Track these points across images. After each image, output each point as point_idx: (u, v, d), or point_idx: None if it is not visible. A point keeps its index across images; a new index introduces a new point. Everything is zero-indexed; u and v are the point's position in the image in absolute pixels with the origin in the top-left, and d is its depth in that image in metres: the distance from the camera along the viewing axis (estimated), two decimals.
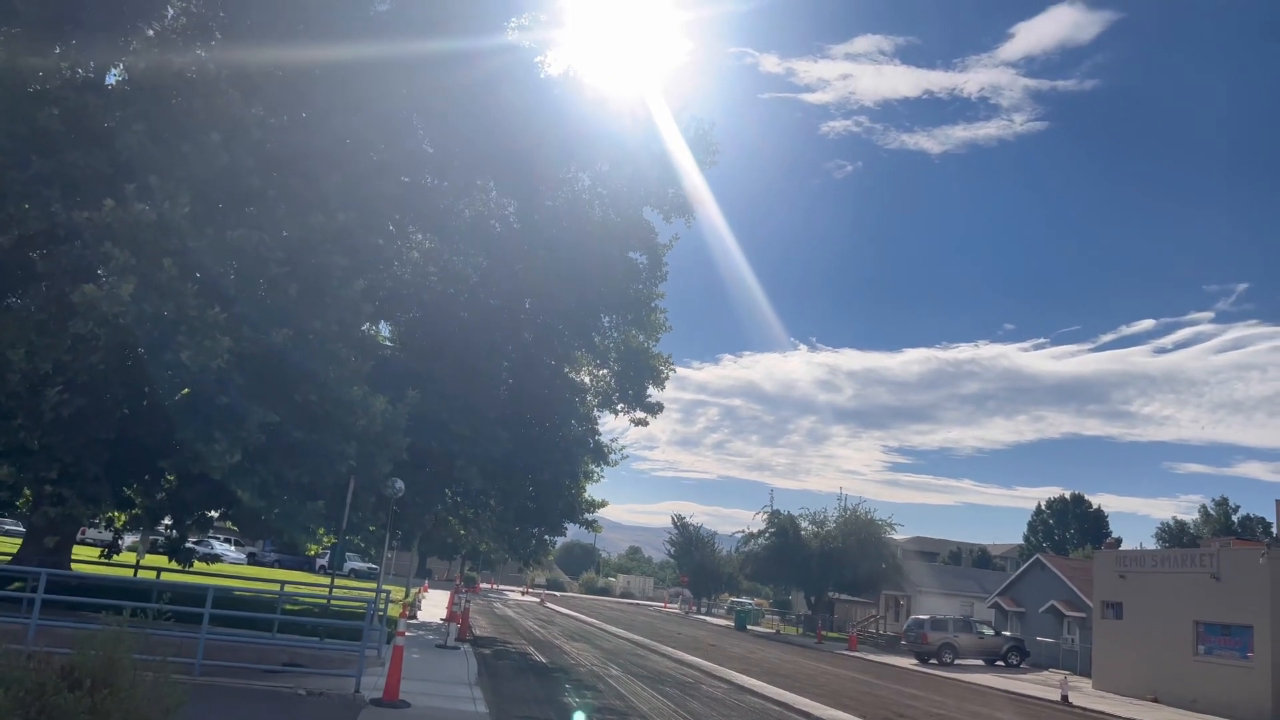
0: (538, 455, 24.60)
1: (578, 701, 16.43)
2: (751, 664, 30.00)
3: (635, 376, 26.54)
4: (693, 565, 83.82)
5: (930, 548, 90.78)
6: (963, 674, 35.79)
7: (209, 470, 14.83)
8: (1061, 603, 43.38)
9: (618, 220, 24.29)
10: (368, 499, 18.74)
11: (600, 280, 23.60)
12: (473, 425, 22.74)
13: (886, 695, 24.68)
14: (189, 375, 14.20)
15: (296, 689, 12.84)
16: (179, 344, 13.77)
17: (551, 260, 23.55)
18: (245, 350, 15.30)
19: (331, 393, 16.42)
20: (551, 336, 25.20)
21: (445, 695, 14.72)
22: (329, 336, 15.96)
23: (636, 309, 24.84)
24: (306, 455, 16.43)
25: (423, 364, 22.77)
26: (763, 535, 61.08)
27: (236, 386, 15.24)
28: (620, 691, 18.71)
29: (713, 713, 17.08)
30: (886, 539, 58.55)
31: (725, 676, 24.34)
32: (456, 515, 29.66)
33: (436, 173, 23.63)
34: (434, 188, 22.76)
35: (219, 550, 62.74)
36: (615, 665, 24.35)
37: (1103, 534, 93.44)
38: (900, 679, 31.35)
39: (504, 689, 16.96)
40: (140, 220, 14.08)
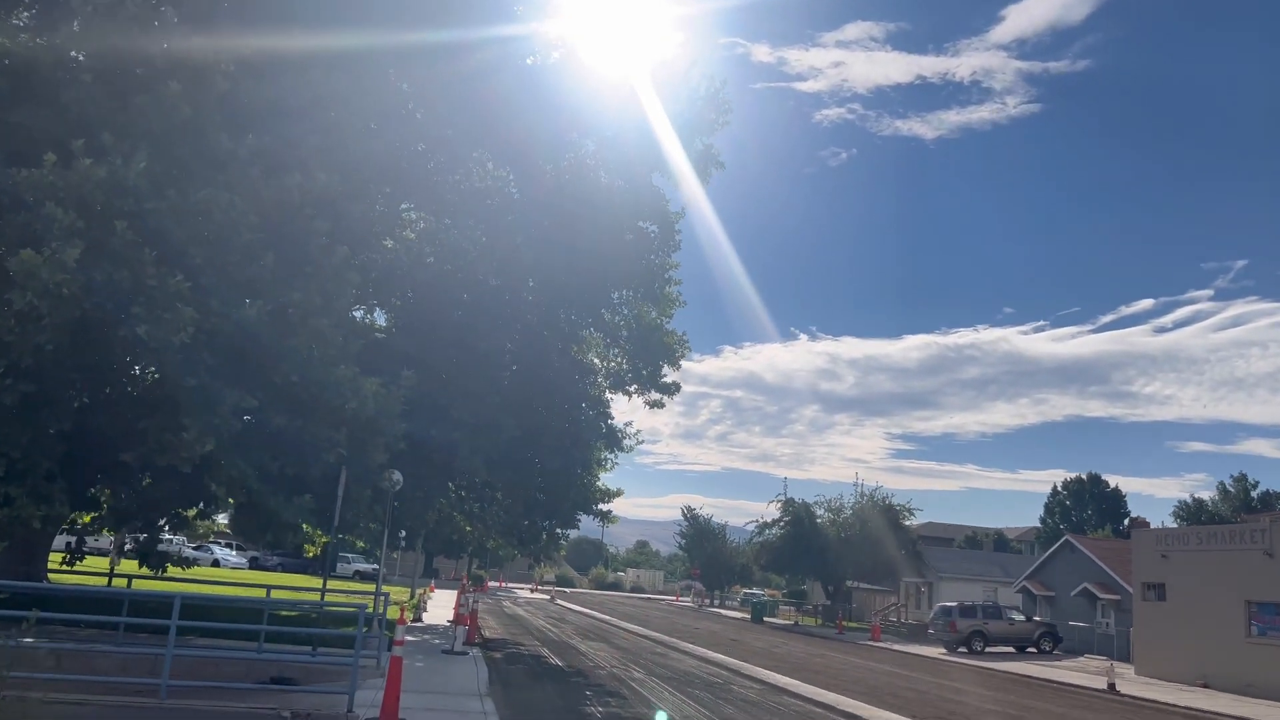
0: (546, 442, 22.82)
1: (602, 713, 14.67)
2: (778, 659, 28.27)
3: (648, 355, 24.71)
4: (704, 557, 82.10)
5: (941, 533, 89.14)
6: (996, 663, 34.07)
7: (177, 462, 13.07)
8: (1095, 585, 41.61)
9: (625, 187, 22.49)
10: (362, 493, 16.98)
11: (609, 252, 21.79)
12: (475, 411, 20.98)
13: (928, 690, 22.94)
14: (149, 353, 12.42)
15: (279, 710, 11.10)
16: (135, 317, 12.00)
17: (556, 231, 21.77)
18: (215, 326, 13.53)
19: (315, 373, 14.65)
20: (557, 314, 23.42)
21: (452, 710, 12.98)
22: (310, 310, 14.18)
23: (649, 282, 22.99)
24: (290, 443, 14.67)
25: (419, 346, 20.99)
26: (777, 524, 59.39)
27: (206, 367, 13.47)
28: (646, 697, 16.98)
29: (749, 718, 15.33)
30: (905, 525, 56.81)
31: (755, 675, 22.60)
32: (461, 510, 27.89)
33: (429, 144, 21.84)
34: (424, 155, 20.95)
35: (219, 555, 61.16)
36: (636, 666, 22.61)
37: (1121, 514, 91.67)
38: (935, 670, 29.62)
39: (518, 700, 15.21)
40: (88, 178, 12.30)
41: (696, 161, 23.18)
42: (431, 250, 24.78)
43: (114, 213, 12.47)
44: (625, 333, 24.90)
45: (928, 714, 18.01)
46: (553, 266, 21.38)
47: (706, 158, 23.23)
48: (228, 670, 14.52)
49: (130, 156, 13.00)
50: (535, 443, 22.89)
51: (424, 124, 21.34)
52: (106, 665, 14.59)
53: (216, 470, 13.70)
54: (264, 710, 11.06)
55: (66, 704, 10.59)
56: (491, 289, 23.41)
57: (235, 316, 13.50)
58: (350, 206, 16.46)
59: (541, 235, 21.97)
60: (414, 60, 20.12)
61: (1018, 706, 20.71)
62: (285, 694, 12.62)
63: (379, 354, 20.71)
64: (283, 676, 14.74)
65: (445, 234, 23.83)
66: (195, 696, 11.92)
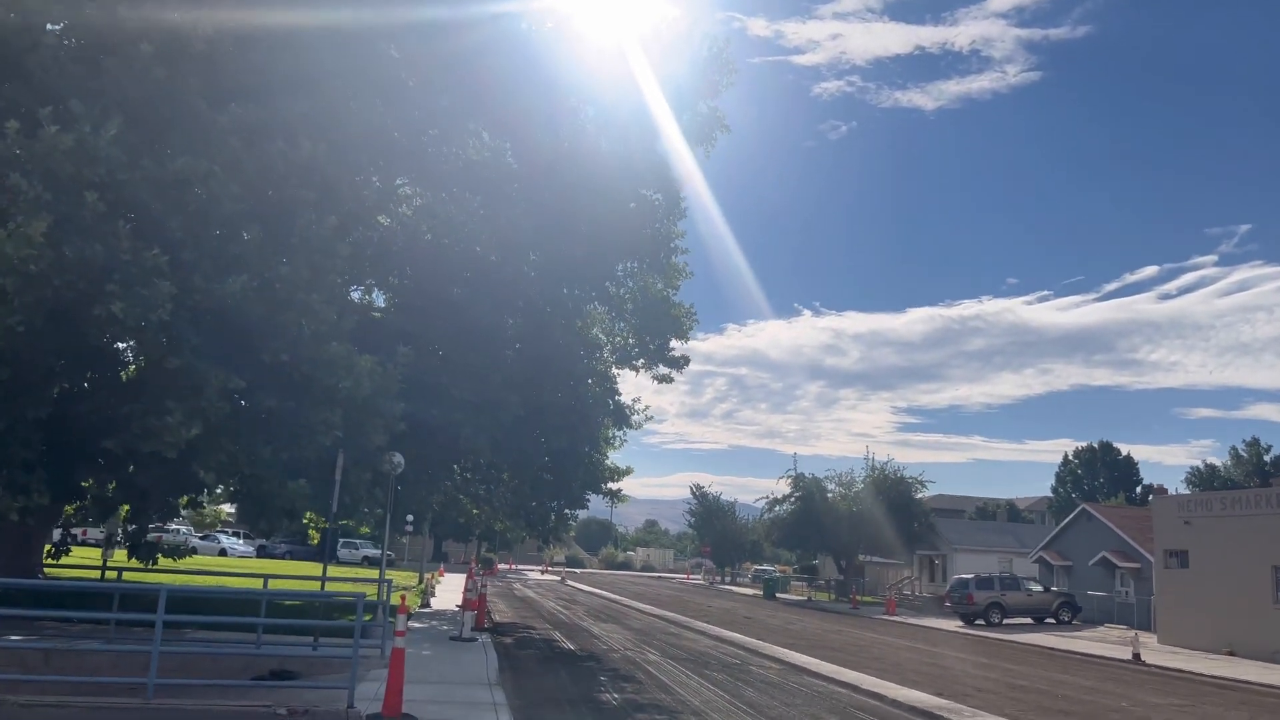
0: (552, 421, 22.07)
1: (619, 699, 14.00)
2: (795, 637, 27.65)
3: (655, 328, 23.88)
4: (714, 535, 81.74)
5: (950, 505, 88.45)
6: (1015, 634, 33.44)
7: (162, 448, 12.35)
8: (1113, 554, 40.90)
9: (627, 154, 21.59)
10: (362, 476, 16.27)
11: (612, 221, 20.93)
12: (477, 390, 20.24)
13: (951, 665, 22.29)
14: (126, 332, 11.67)
15: (275, 707, 10.41)
16: (110, 294, 11.24)
17: (556, 201, 20.92)
18: (197, 304, 12.77)
19: (306, 351, 13.90)
20: (560, 288, 22.59)
21: (460, 701, 12.30)
22: (298, 284, 13.40)
23: (654, 251, 22.12)
24: (282, 426, 13.95)
25: (417, 324, 20.24)
26: (788, 500, 58.79)
27: (190, 347, 12.72)
28: (663, 681, 16.31)
29: (775, 702, 14.66)
30: (918, 498, 56.16)
31: (773, 654, 21.95)
32: (467, 493, 27.21)
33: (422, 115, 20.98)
34: (418, 126, 20.08)
35: (226, 544, 60.71)
36: (651, 648, 21.98)
37: (1133, 482, 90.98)
38: (955, 645, 28.99)
39: (529, 688, 14.54)
40: (54, 147, 11.51)
41: (702, 126, 22.27)
42: (428, 226, 23.95)
43: (84, 183, 11.68)
44: (631, 306, 24.06)
45: (954, 690, 17.33)
46: (554, 238, 20.56)
47: (711, 121, 22.32)
48: (225, 665, 13.86)
49: (101, 124, 12.19)
50: (541, 421, 22.15)
51: (416, 93, 20.47)
52: (98, 663, 13.96)
53: (205, 455, 12.99)
54: (259, 709, 10.38)
55: (46, 706, 9.92)
56: (491, 264, 22.61)
57: (218, 292, 12.73)
58: (339, 177, 15.65)
59: (542, 206, 21.12)
60: (405, 31, 19.26)
61: (1047, 680, 20.04)
62: (283, 690, 11.95)
63: (375, 333, 19.97)
64: (283, 670, 14.09)
65: (442, 208, 23.01)
66: (186, 695, 11.25)
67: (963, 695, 16.78)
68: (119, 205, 12.23)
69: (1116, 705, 16.77)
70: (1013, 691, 17.90)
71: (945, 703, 15.45)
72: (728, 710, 13.57)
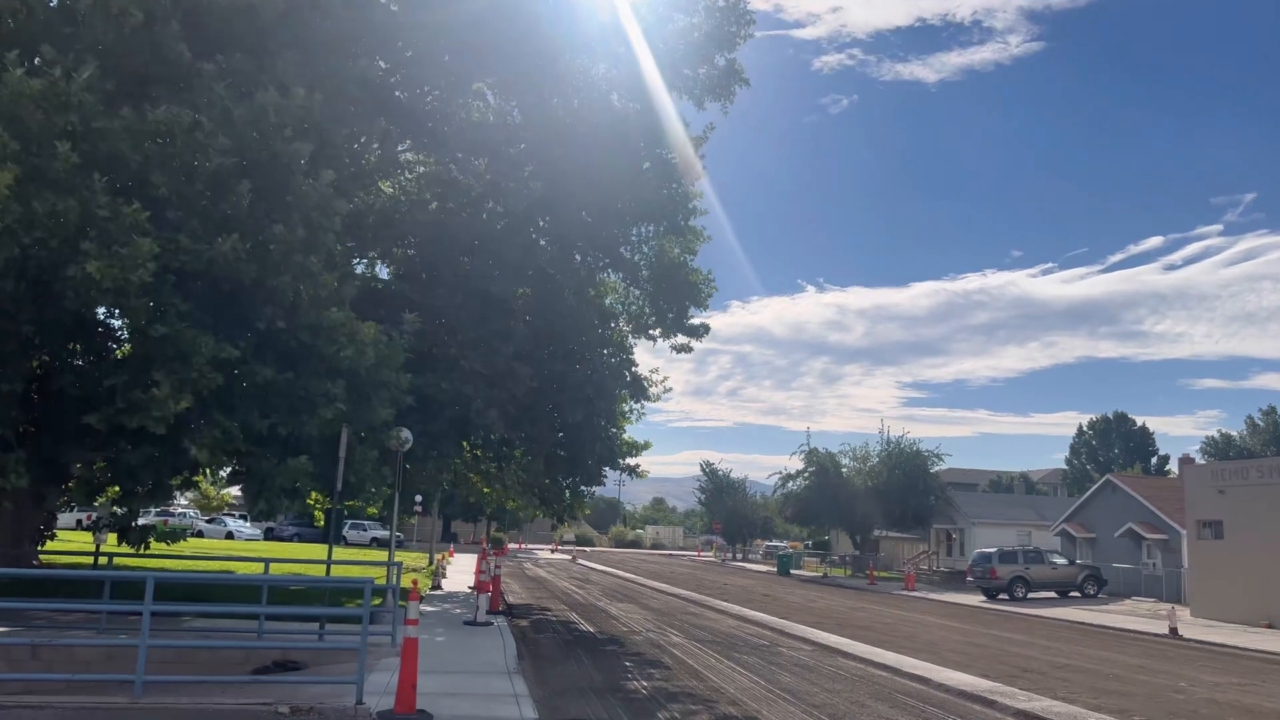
0: (566, 393, 21.00)
1: (648, 687, 13.02)
2: (819, 615, 26.72)
3: (673, 295, 22.74)
4: (725, 511, 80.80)
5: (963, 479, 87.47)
6: (1042, 609, 32.51)
7: (149, 423, 11.33)
8: (1140, 525, 39.90)
9: (641, 110, 20.42)
10: (368, 453, 15.24)
11: (626, 183, 19.78)
12: (488, 362, 19.19)
13: (987, 643, 21.33)
14: (104, 295, 10.62)
15: (276, 705, 9.43)
16: (84, 253, 10.18)
17: (567, 162, 19.78)
18: (185, 266, 11.70)
19: (304, 318, 12.86)
20: (572, 255, 21.49)
21: (478, 693, 11.33)
22: (294, 245, 12.32)
23: (671, 214, 20.94)
24: (280, 399, 12.91)
25: (424, 294, 19.16)
26: (801, 476, 57.83)
27: (177, 313, 11.68)
28: (691, 665, 15.35)
29: (814, 687, 13.68)
30: (934, 471, 55.16)
31: (801, 634, 21.00)
32: (477, 470, 26.20)
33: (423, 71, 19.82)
34: (418, 79, 18.92)
35: (232, 527, 59.92)
36: (673, 630, 21.04)
37: (1149, 452, 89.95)
38: (984, 621, 28.05)
39: (551, 676, 13.58)
40: (21, 91, 10.42)
41: (719, 80, 21.03)
42: (432, 194, 22.86)
43: (55, 132, 10.60)
44: (646, 272, 22.92)
45: (999, 671, 16.37)
46: (566, 200, 19.43)
47: (729, 75, 21.08)
48: (224, 657, 12.94)
49: (74, 70, 11.09)
50: (555, 394, 21.10)
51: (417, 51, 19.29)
52: (90, 656, 13.03)
53: (196, 431, 11.98)
54: (259, 706, 9.40)
55: (26, 707, 8.95)
56: (500, 231, 21.52)
57: (207, 254, 11.67)
58: (336, 130, 14.54)
59: (552, 168, 19.99)
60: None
61: (1092, 659, 19.06)
62: (285, 685, 10.98)
63: (379, 302, 18.92)
64: (287, 661, 13.16)
65: (446, 173, 21.89)
66: (180, 691, 10.30)
67: (1009, 676, 15.81)
68: (94, 158, 11.16)
69: (1174, 685, 15.77)
70: (1059, 671, 16.93)
71: (994, 685, 14.48)
72: (766, 698, 12.60)
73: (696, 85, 21.11)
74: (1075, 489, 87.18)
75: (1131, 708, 13.47)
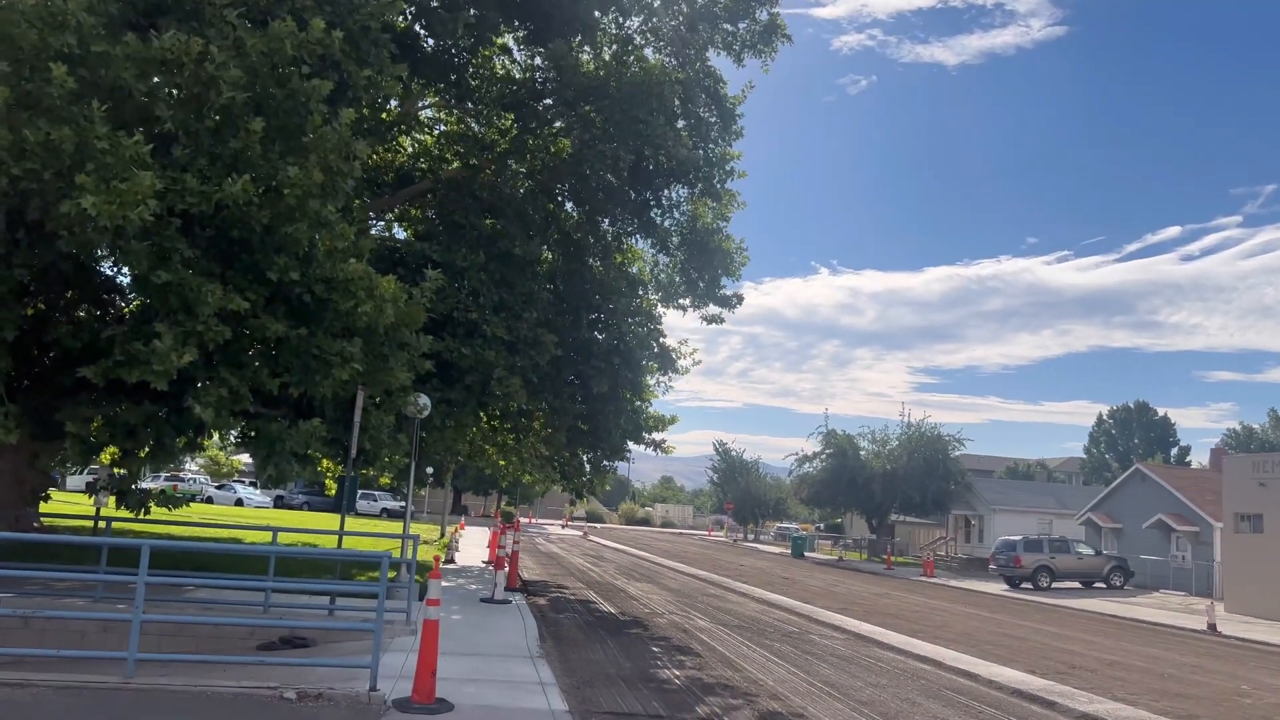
0: (591, 363, 20.00)
1: (681, 677, 12.11)
2: (844, 601, 25.81)
3: (705, 263, 21.65)
4: (738, 492, 79.95)
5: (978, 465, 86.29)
6: (1069, 600, 31.55)
7: (150, 378, 10.39)
8: (1170, 516, 38.79)
9: (677, 66, 19.28)
10: (384, 419, 14.31)
11: (659, 142, 18.67)
12: (511, 327, 18.22)
13: (1023, 634, 20.39)
14: (100, 234, 9.65)
15: (281, 689, 8.55)
16: (80, 187, 9.21)
17: (597, 118, 18.70)
18: (191, 209, 10.72)
19: (320, 270, 11.88)
20: (599, 220, 20.43)
21: (500, 679, 10.43)
22: (309, 190, 11.33)
23: (707, 176, 19.84)
24: (292, 356, 11.96)
25: (444, 253, 18.16)
26: (818, 457, 56.89)
27: (182, 259, 10.72)
28: (723, 653, 14.44)
29: (857, 681, 12.76)
30: (954, 456, 54.11)
31: (829, 620, 20.10)
32: (494, 442, 25.29)
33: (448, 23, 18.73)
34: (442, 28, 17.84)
35: (242, 494, 59.37)
36: (696, 612, 20.15)
37: (1170, 443, 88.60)
38: (1012, 610, 27.11)
39: (576, 661, 12.69)
40: (13, 6, 9.42)
41: (761, 35, 19.85)
42: (455, 152, 21.83)
43: (50, 54, 9.61)
44: (677, 239, 21.82)
45: (1046, 667, 15.43)
46: (595, 160, 18.34)
47: (771, 30, 19.90)
48: (228, 633, 12.08)
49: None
50: (579, 363, 20.12)
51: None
52: (86, 628, 12.21)
53: (201, 388, 11.07)
54: (262, 690, 8.52)
55: (4, 684, 8.09)
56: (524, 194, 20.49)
57: (215, 196, 10.68)
58: (357, 72, 13.51)
59: (581, 124, 18.91)
60: None
61: (1139, 655, 18.10)
62: (291, 667, 10.10)
63: (397, 263, 17.94)
64: (295, 638, 12.30)
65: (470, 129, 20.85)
66: (176, 670, 9.42)
67: (1058, 674, 14.85)
68: (94, 87, 10.17)
69: (1235, 687, 14.80)
70: (1110, 669, 15.97)
71: (1047, 683, 13.53)
72: (808, 692, 11.67)
73: (736, 41, 19.95)
74: (1093, 478, 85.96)
75: (1199, 712, 12.51)
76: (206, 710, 7.93)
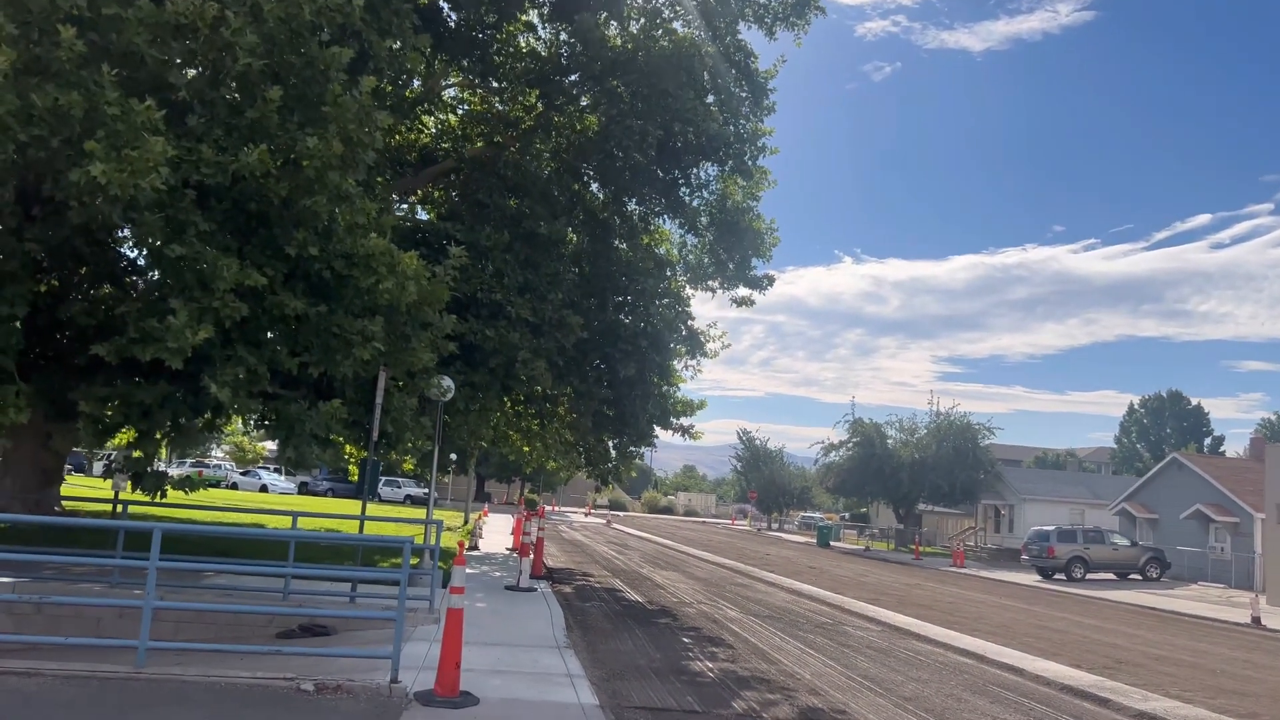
0: (618, 345, 19.51)
1: (714, 669, 11.63)
2: (875, 591, 25.24)
3: (735, 244, 21.05)
4: (762, 481, 79.39)
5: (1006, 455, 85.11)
6: (1105, 591, 30.82)
7: (165, 355, 10.00)
8: (1208, 507, 37.89)
9: (707, 40, 18.68)
10: (406, 401, 13.89)
11: (688, 118, 18.10)
12: (536, 309, 17.76)
13: (1063, 627, 19.77)
14: (111, 204, 9.24)
15: (299, 680, 8.14)
16: (90, 154, 8.80)
17: (624, 93, 18.15)
18: (207, 180, 10.30)
19: (340, 245, 11.44)
20: (626, 196, 19.89)
21: (527, 671, 9.99)
22: (329, 161, 10.88)
23: (738, 153, 19.24)
24: (311, 334, 11.55)
25: (468, 233, 17.71)
26: (845, 446, 56.17)
27: (197, 232, 10.30)
28: (755, 644, 13.95)
29: (898, 675, 12.23)
30: (984, 445, 53.23)
31: (862, 611, 19.55)
32: (518, 428, 24.88)
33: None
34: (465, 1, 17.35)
35: (266, 480, 59.42)
36: (724, 601, 19.67)
37: (1203, 433, 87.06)
38: (1048, 602, 26.43)
39: (605, 652, 12.24)
40: None
41: (793, 6, 19.21)
42: (479, 131, 21.36)
43: (59, 16, 9.20)
44: (705, 219, 21.24)
45: (1091, 661, 14.83)
46: (622, 136, 17.80)
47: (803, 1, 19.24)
48: (247, 620, 11.73)
49: None
50: (605, 346, 19.63)
51: None
52: (101, 614, 11.88)
53: (218, 367, 10.66)
54: (278, 681, 8.11)
55: (10, 673, 7.73)
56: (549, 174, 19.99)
57: (231, 167, 10.25)
58: (379, 43, 13.04)
59: (607, 99, 18.37)
60: None
61: (1186, 650, 17.45)
62: (309, 657, 9.70)
63: (419, 242, 17.51)
64: (315, 625, 11.94)
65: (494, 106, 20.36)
66: (190, 660, 9.05)
67: (1105, 668, 14.26)
68: (105, 51, 9.75)
69: None
70: (1158, 664, 15.35)
71: (1097, 679, 12.95)
72: (848, 687, 11.15)
73: (768, 13, 19.31)
74: (1124, 468, 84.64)
75: (1260, 711, 11.89)
76: (220, 702, 7.53)
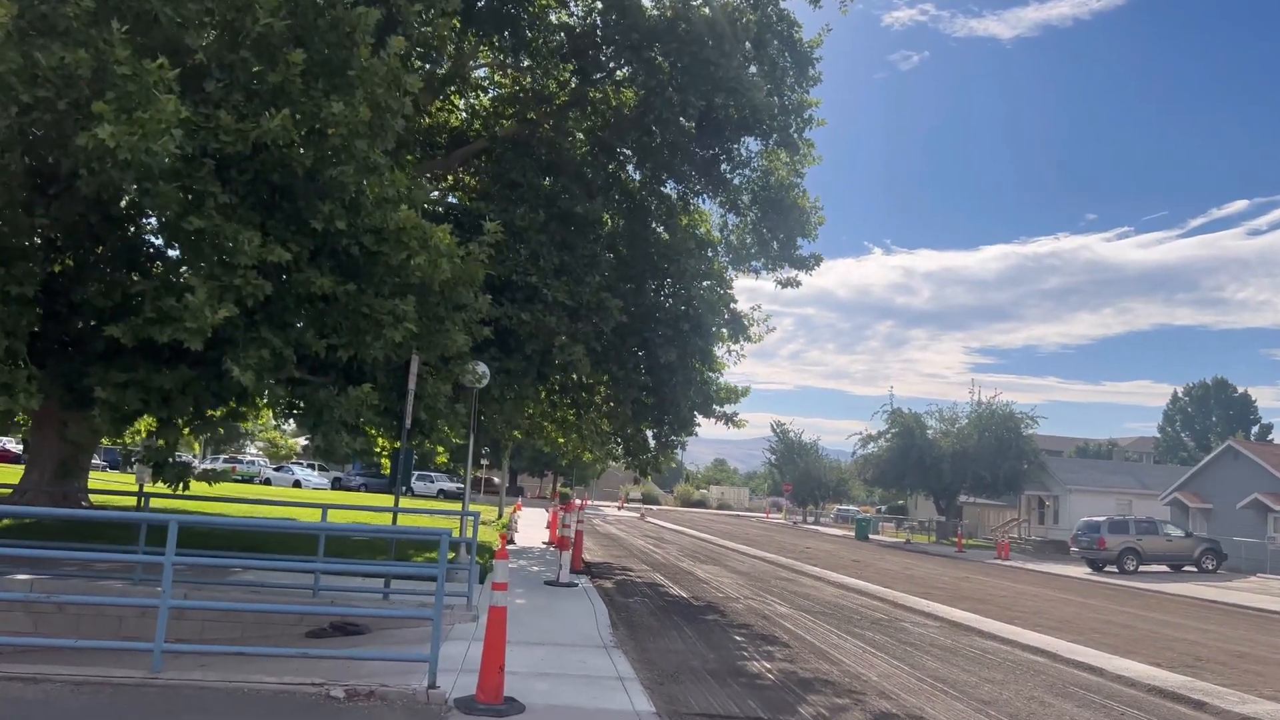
0: (658, 330, 18.71)
1: (772, 670, 10.82)
2: (923, 585, 24.29)
3: (779, 223, 20.15)
4: (796, 474, 78.29)
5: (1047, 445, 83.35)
6: (1161, 584, 29.59)
7: (184, 336, 9.34)
8: (1267, 496, 36.49)
9: (751, 7, 17.82)
10: (440, 387, 13.19)
11: (729, 90, 17.24)
12: (572, 292, 17.01)
13: (1129, 622, 18.76)
14: (121, 170, 8.57)
15: (329, 686, 7.44)
16: (98, 117, 8.13)
17: (663, 64, 17.33)
18: (226, 148, 9.62)
19: (369, 219, 10.73)
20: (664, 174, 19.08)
21: (574, 673, 9.24)
22: (356, 129, 10.17)
23: (783, 125, 18.35)
24: (339, 315, 10.86)
25: (502, 212, 16.97)
26: (883, 437, 55.03)
27: (217, 204, 9.62)
28: (812, 642, 13.12)
29: (969, 675, 11.36)
30: (1027, 435, 51.85)
31: (916, 606, 18.66)
32: (553, 418, 24.16)
33: None
34: None
35: (300, 475, 59.22)
36: (771, 596, 18.85)
37: (1250, 421, 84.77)
38: (1106, 595, 25.34)
39: (655, 651, 11.47)
40: None
41: None
42: (512, 110, 20.62)
43: None
44: (748, 196, 20.37)
45: (1169, 659, 13.86)
46: (661, 109, 16.98)
47: None
48: (276, 618, 11.07)
49: None
50: (645, 331, 18.83)
51: None
52: (123, 613, 11.27)
53: (240, 349, 10.01)
54: (306, 687, 7.41)
55: (16, 679, 7.09)
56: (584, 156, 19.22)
57: (253, 134, 9.56)
58: (407, 6, 12.31)
59: (645, 71, 17.57)
60: None
61: (1266, 645, 16.41)
62: (338, 660, 9.00)
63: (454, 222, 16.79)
64: (347, 624, 11.26)
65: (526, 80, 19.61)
66: (212, 663, 8.38)
67: (1187, 666, 13.30)
68: (115, 9, 9.09)
69: None
70: (1240, 661, 14.34)
71: (1184, 679, 12.00)
72: (919, 689, 10.30)
73: None
74: (1167, 457, 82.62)
75: None
76: (240, 711, 6.83)
